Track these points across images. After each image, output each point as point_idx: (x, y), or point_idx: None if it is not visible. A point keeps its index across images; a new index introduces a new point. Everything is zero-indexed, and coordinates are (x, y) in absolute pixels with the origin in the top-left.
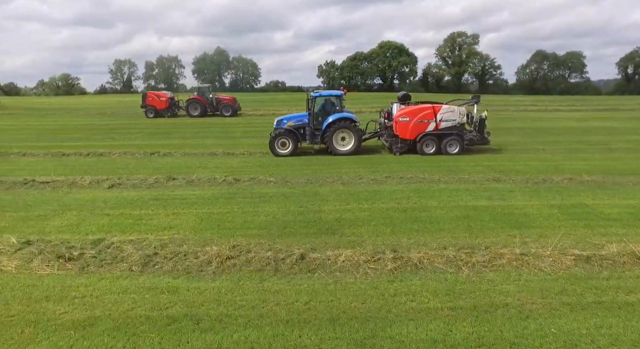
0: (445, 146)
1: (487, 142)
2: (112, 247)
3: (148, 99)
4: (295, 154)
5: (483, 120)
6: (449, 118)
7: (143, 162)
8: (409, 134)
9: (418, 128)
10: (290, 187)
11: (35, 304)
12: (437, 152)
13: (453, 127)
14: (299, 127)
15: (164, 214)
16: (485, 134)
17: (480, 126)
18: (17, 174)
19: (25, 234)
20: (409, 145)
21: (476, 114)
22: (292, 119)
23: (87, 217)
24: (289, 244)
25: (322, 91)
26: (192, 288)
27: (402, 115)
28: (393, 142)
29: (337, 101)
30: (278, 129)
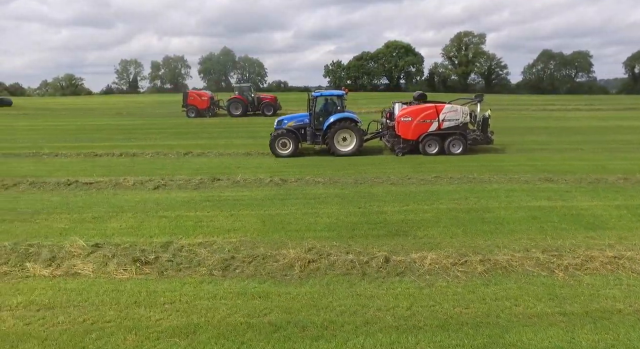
0: (449, 146)
1: (490, 142)
2: (184, 251)
3: (189, 99)
4: (296, 155)
5: (487, 119)
6: (452, 118)
7: (179, 163)
8: (411, 134)
9: (420, 128)
10: (341, 188)
11: (126, 310)
12: (440, 152)
13: (456, 127)
14: (300, 128)
15: (222, 216)
16: (489, 134)
17: (483, 125)
18: (56, 175)
19: (88, 236)
20: (411, 145)
21: (479, 113)
22: (293, 119)
23: (144, 219)
24: (364, 247)
25: (323, 91)
26: (283, 293)
27: (404, 115)
28: (395, 143)
29: (338, 100)
30: (279, 129)
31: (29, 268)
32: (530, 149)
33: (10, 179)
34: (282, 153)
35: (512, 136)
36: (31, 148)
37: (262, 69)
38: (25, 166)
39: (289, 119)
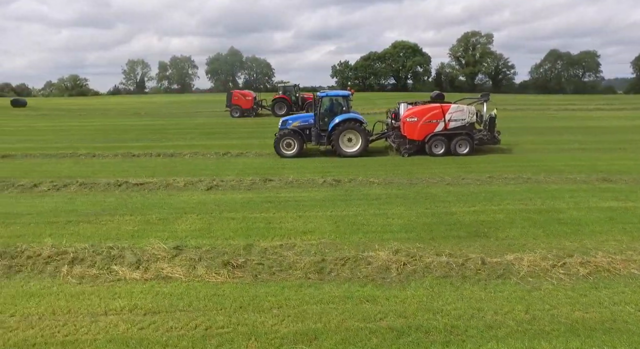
0: (455, 146)
1: (497, 142)
2: (269, 253)
3: (234, 99)
4: (301, 155)
5: (493, 119)
6: (458, 118)
7: (221, 163)
8: (417, 135)
9: (426, 128)
10: (399, 188)
11: (235, 315)
12: (447, 153)
13: (462, 127)
14: (305, 128)
15: (290, 217)
16: (496, 133)
17: (490, 125)
18: (101, 175)
19: (161, 238)
20: (417, 146)
21: (486, 112)
22: (298, 119)
23: (212, 221)
24: (449, 248)
25: (328, 91)
26: (390, 297)
27: (410, 115)
28: (401, 143)
29: (344, 101)
30: (283, 130)
31: (117, 271)
32: (570, 149)
33: (59, 180)
34: (287, 153)
35: (546, 136)
36: (66, 149)
37: (270, 69)
38: (67, 167)
39: (293, 120)
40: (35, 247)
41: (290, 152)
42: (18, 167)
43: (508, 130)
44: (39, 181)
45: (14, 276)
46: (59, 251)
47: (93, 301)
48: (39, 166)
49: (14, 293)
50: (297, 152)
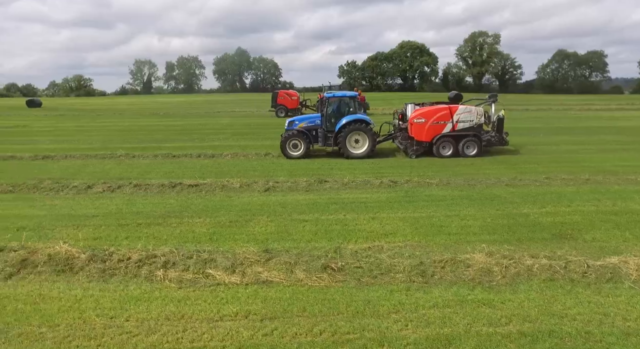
0: (463, 147)
1: (505, 143)
2: (362, 256)
3: (279, 99)
4: (307, 157)
5: (501, 120)
6: (466, 119)
7: (266, 164)
8: (425, 136)
9: (434, 130)
10: (460, 190)
11: (357, 321)
12: (454, 154)
13: (470, 128)
14: (311, 129)
15: (364, 219)
16: (504, 135)
17: (499, 126)
18: (150, 176)
19: (242, 241)
20: (425, 147)
21: (494, 113)
22: (305, 120)
23: (285, 223)
24: (543, 250)
25: (335, 92)
26: (505, 300)
27: (418, 116)
28: (408, 145)
29: (351, 102)
30: (290, 130)
31: (214, 274)
32: (612, 150)
33: (111, 181)
34: (293, 154)
35: (579, 136)
36: (102, 149)
37: (277, 69)
38: (112, 168)
39: (300, 120)
40: (122, 251)
41: (296, 153)
42: (64, 168)
43: (538, 131)
44: (91, 183)
45: (109, 279)
46: (148, 254)
47: (202, 306)
48: (83, 167)
49: (117, 296)
50: (303, 154)
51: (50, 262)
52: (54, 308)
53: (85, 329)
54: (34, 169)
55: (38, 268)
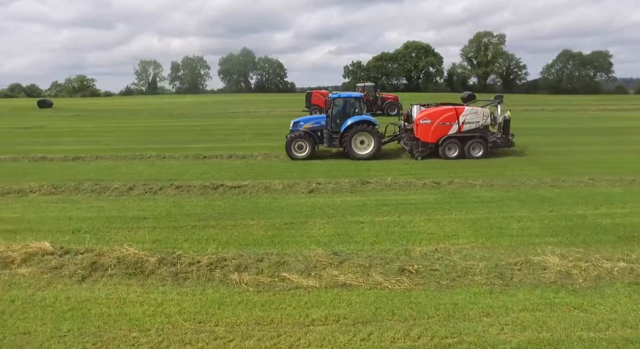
0: (469, 149)
1: (511, 145)
2: (433, 259)
3: (313, 99)
4: (312, 158)
5: (507, 121)
6: (472, 120)
7: (301, 165)
8: (431, 137)
9: (440, 131)
10: (506, 191)
11: (450, 324)
12: (460, 156)
13: (476, 130)
14: (316, 130)
15: (420, 220)
16: (510, 136)
17: (505, 127)
18: (187, 177)
19: (304, 244)
20: (431, 148)
21: (500, 115)
22: (310, 121)
23: (341, 225)
24: (614, 252)
25: (340, 92)
26: (595, 304)
27: (423, 117)
28: (414, 146)
29: (356, 102)
30: (294, 131)
31: (290, 278)
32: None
33: (151, 182)
34: (298, 156)
35: (607, 136)
36: (129, 150)
37: (282, 70)
38: (145, 169)
39: (305, 121)
40: (191, 254)
41: (301, 155)
42: (97, 169)
43: (562, 131)
44: (131, 184)
45: (183, 283)
46: (219, 257)
47: (289, 311)
48: (116, 168)
49: (197, 300)
50: (308, 155)
51: (120, 265)
52: (139, 311)
53: (177, 333)
54: (68, 170)
55: (108, 271)
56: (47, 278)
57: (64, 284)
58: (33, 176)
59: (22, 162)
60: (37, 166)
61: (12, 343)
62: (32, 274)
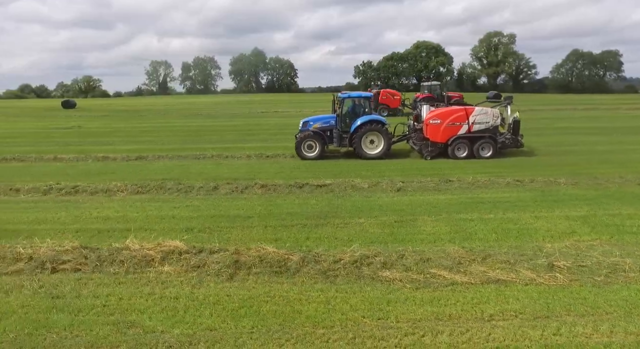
0: (478, 149)
1: (520, 146)
2: (569, 255)
3: (381, 98)
4: (322, 158)
5: (517, 122)
6: (482, 120)
7: (372, 164)
8: (440, 137)
9: (450, 131)
10: (595, 189)
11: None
12: (470, 156)
13: (486, 130)
14: (326, 130)
15: (528, 218)
16: (519, 137)
17: (514, 128)
18: (265, 177)
19: (428, 241)
20: (440, 148)
21: (509, 115)
22: (319, 120)
23: (452, 223)
24: None
25: (350, 92)
26: None
27: (433, 117)
28: (423, 146)
29: (365, 102)
30: (304, 131)
31: (440, 274)
32: None
33: (235, 182)
34: (308, 155)
35: None
36: (185, 150)
37: (293, 70)
38: (213, 168)
39: (314, 121)
40: (331, 252)
41: (311, 155)
42: (165, 168)
43: (601, 130)
44: (214, 184)
45: (334, 280)
46: (362, 254)
47: (460, 306)
48: (185, 168)
49: (362, 297)
50: (318, 155)
51: (263, 263)
52: (309, 309)
53: (363, 330)
54: (140, 170)
55: (253, 269)
56: (195, 276)
57: (215, 282)
58: (108, 176)
59: (86, 162)
60: (105, 166)
61: (206, 337)
62: (177, 272)
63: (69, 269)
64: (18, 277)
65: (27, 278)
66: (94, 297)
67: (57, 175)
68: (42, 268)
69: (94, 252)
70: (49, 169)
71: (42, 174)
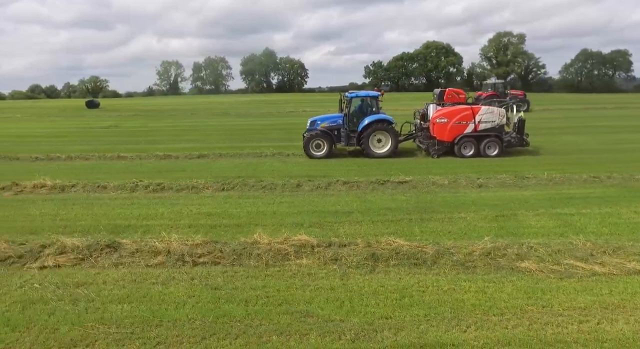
0: (484, 148)
1: (526, 144)
2: None
3: (447, 97)
4: (330, 156)
5: (523, 121)
6: (488, 119)
7: (430, 162)
8: (447, 136)
9: (456, 130)
10: None
11: None
12: (476, 154)
13: (492, 129)
14: (334, 129)
15: (628, 212)
16: (525, 136)
17: (520, 127)
18: (337, 175)
19: (541, 235)
20: (447, 147)
21: (515, 115)
22: (327, 120)
23: (554, 217)
24: None
25: (358, 92)
26: None
27: (440, 116)
28: (430, 145)
29: (373, 101)
30: (312, 130)
31: (576, 264)
32: None
33: (317, 179)
34: (316, 154)
35: None
36: (236, 148)
37: (303, 70)
38: (282, 166)
39: (322, 120)
40: (460, 243)
41: (319, 153)
42: (235, 166)
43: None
44: (296, 181)
45: (474, 270)
46: (493, 246)
47: (621, 296)
48: (256, 166)
49: (514, 287)
50: (326, 153)
51: (398, 256)
52: (471, 297)
53: (536, 317)
54: (209, 168)
55: (390, 261)
56: (336, 268)
57: (359, 274)
58: (179, 174)
59: (150, 160)
60: (172, 164)
61: (388, 325)
62: (317, 265)
63: (208, 262)
64: (164, 269)
65: (173, 270)
66: (251, 288)
67: (131, 173)
68: (182, 260)
69: (227, 246)
70: (118, 167)
71: (117, 171)
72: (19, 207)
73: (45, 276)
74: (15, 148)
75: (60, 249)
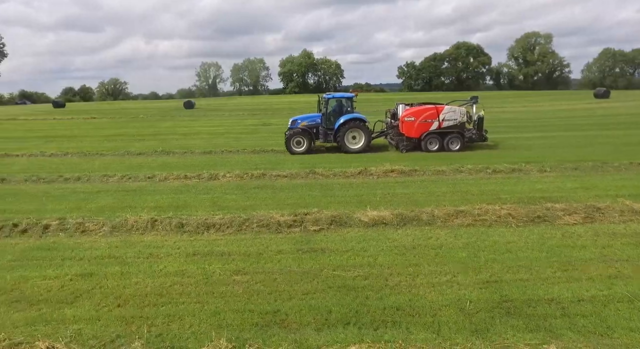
0: (448, 143)
1: (485, 140)
2: None
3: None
4: (310, 152)
5: (481, 119)
6: (451, 118)
7: (495, 153)
8: (414, 133)
9: (422, 127)
10: None
11: None
12: (440, 149)
13: (454, 126)
14: (312, 127)
15: None
16: (483, 132)
17: (479, 124)
18: (422, 165)
19: None
20: (414, 143)
21: (475, 113)
22: (306, 119)
23: None
24: None
25: (334, 93)
26: None
27: (408, 115)
28: (399, 141)
29: (347, 102)
30: (293, 129)
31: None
32: None
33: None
34: (297, 151)
35: None
36: None
37: (340, 70)
38: None
39: (302, 119)
40: None
41: (300, 150)
42: (337, 159)
43: None
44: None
45: None
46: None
47: None
48: (359, 157)
49: None
50: (306, 150)
51: None
52: None
53: None
54: (315, 161)
55: None
56: None
57: None
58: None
59: None
60: (278, 158)
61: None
62: None
63: None
64: None
65: None
66: None
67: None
68: None
69: None
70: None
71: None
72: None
73: None
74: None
75: None
